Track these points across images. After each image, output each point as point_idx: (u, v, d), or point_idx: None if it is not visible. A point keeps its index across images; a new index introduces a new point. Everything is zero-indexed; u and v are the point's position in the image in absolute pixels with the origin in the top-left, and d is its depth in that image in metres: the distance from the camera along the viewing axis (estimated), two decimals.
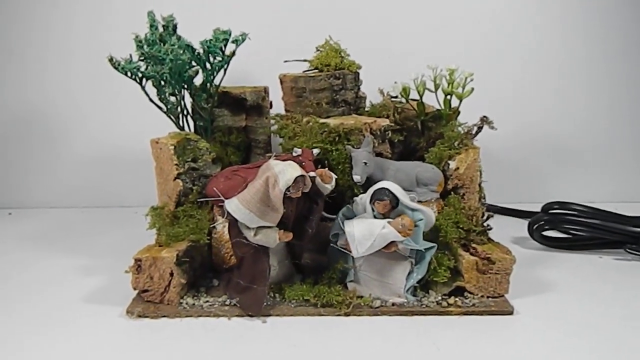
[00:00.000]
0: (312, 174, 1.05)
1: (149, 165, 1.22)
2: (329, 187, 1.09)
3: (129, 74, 1.21)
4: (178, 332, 0.99)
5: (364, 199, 1.08)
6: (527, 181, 1.81)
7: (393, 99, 1.38)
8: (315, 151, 1.16)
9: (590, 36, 1.72)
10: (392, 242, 1.03)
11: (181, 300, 1.07)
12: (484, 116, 1.25)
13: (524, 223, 1.45)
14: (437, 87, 1.31)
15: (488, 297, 1.08)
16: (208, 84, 1.29)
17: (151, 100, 1.26)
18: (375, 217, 1.06)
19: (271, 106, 1.43)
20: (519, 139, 1.78)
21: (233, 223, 1.05)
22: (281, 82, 1.34)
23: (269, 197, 0.99)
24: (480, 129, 1.25)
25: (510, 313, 1.05)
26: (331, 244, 1.11)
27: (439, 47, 1.68)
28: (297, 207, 1.06)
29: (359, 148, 1.16)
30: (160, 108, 1.28)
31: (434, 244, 1.07)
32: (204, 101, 1.30)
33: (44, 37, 1.70)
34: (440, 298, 1.08)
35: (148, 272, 1.05)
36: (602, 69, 1.75)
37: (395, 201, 1.04)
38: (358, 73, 1.35)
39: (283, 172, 1.00)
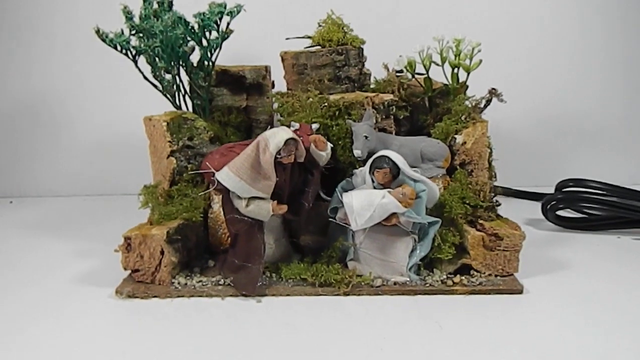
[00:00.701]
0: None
1: None
2: (323, 154, 1.04)
3: (118, 47, 1.17)
4: (168, 313, 0.94)
5: (363, 171, 1.03)
6: (542, 163, 1.74)
7: (398, 74, 1.32)
8: (315, 126, 1.11)
9: (607, 11, 1.65)
10: (393, 214, 0.97)
11: (173, 280, 1.03)
12: (493, 88, 1.19)
13: (539, 205, 1.37)
14: (443, 60, 1.25)
15: (496, 275, 1.02)
16: (205, 62, 1.24)
17: (145, 78, 1.22)
18: (375, 187, 1.01)
19: (273, 86, 1.38)
20: (533, 118, 1.71)
21: (226, 198, 1.00)
22: (282, 60, 1.29)
23: (260, 163, 0.95)
24: (489, 102, 1.19)
25: (520, 292, 0.98)
26: (330, 219, 1.06)
27: (448, 19, 1.62)
28: (291, 178, 1.01)
29: (360, 122, 1.11)
30: (155, 86, 1.24)
31: (437, 219, 1.01)
32: (201, 79, 1.26)
33: (48, 27, 1.67)
34: (445, 277, 1.02)
35: (138, 250, 1.01)
36: (618, 45, 1.68)
37: (395, 170, 0.99)
38: (362, 49, 1.29)
39: (273, 136, 0.96)
